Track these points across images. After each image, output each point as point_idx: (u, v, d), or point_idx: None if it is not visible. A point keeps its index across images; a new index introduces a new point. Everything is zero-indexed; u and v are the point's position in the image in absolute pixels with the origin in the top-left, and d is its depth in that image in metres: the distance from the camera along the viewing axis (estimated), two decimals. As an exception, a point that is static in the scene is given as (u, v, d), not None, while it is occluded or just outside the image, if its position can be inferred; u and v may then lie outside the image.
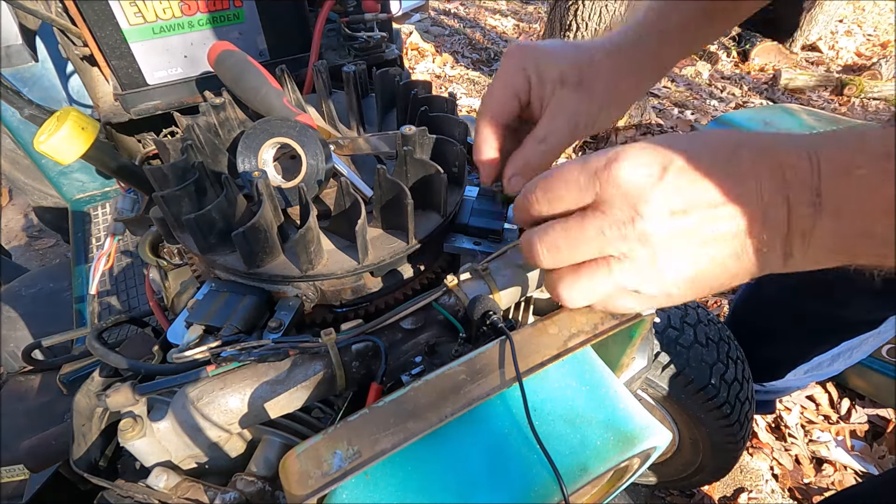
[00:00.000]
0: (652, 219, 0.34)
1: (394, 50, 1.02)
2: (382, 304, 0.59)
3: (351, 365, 0.51)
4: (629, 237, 0.35)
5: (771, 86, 3.66)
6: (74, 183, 1.35)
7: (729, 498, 1.38)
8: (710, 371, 1.04)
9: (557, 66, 0.51)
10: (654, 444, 0.45)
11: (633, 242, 0.35)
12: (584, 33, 2.92)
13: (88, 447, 0.55)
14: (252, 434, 0.55)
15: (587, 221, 0.36)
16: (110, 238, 0.78)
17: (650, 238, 0.34)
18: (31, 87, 1.16)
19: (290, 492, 0.36)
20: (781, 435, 1.53)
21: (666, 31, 0.53)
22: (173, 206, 0.54)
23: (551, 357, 0.44)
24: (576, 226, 0.36)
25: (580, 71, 0.51)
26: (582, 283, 0.38)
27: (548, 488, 0.41)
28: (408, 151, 0.56)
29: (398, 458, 0.41)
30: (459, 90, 3.45)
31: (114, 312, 1.12)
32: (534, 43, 0.53)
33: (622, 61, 0.53)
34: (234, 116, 0.69)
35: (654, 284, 0.36)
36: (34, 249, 2.39)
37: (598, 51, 0.52)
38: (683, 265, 0.35)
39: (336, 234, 0.58)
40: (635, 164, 0.34)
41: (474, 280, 0.57)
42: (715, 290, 0.37)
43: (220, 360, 0.48)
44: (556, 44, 0.53)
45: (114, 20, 0.76)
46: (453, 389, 0.41)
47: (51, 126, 0.64)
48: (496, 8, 5.00)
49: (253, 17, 0.86)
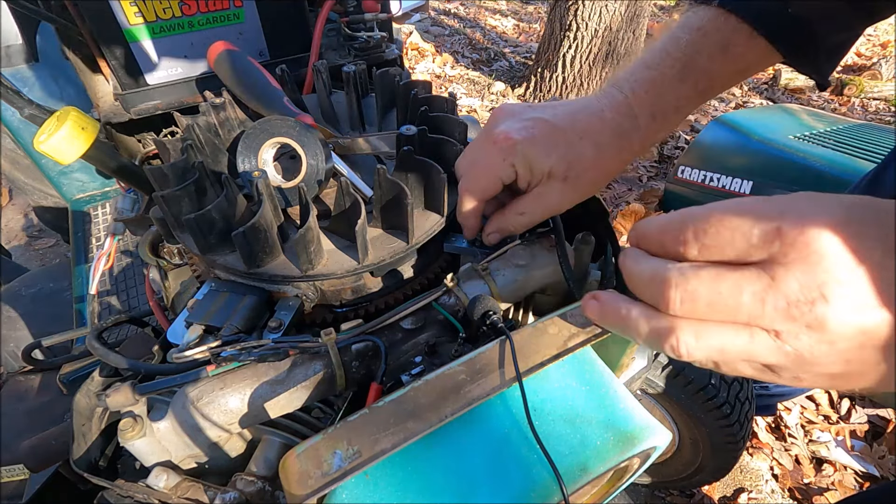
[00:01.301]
0: (839, 308, 0.27)
1: (394, 50, 1.02)
2: (382, 304, 0.59)
3: (351, 365, 0.51)
4: (798, 319, 0.28)
5: (771, 86, 3.66)
6: (74, 183, 1.35)
7: (729, 498, 1.38)
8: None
9: (547, 163, 0.50)
10: (654, 444, 0.45)
11: (800, 326, 0.28)
12: (583, 33, 2.92)
13: (88, 447, 0.54)
14: (252, 434, 0.55)
15: (747, 283, 0.29)
16: (110, 238, 0.78)
17: (827, 329, 0.28)
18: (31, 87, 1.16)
19: (290, 492, 0.36)
20: (781, 435, 1.53)
21: (660, 112, 0.51)
22: (173, 206, 0.54)
23: (551, 357, 0.44)
24: (732, 284, 0.30)
25: (568, 167, 0.51)
26: (710, 339, 0.31)
27: (548, 488, 0.41)
28: (408, 151, 0.56)
29: (398, 458, 0.41)
30: (459, 90, 3.45)
31: (114, 312, 1.12)
32: (522, 127, 0.51)
33: (610, 152, 0.52)
34: (234, 116, 0.69)
35: (795, 370, 0.31)
36: (34, 249, 2.39)
37: (587, 144, 0.51)
38: (838, 364, 0.29)
39: (336, 234, 0.58)
40: None
41: (474, 280, 0.57)
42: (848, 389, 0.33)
43: (220, 359, 0.48)
44: (545, 132, 0.51)
45: (114, 20, 0.76)
46: (453, 389, 0.41)
47: (51, 126, 0.64)
48: (496, 8, 5.00)
49: (253, 17, 0.86)
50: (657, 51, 0.51)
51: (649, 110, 0.51)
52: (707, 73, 0.50)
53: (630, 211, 2.08)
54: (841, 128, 1.89)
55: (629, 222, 2.09)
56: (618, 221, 2.09)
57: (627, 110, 0.51)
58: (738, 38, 0.48)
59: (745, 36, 0.47)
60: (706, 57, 0.49)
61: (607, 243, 0.63)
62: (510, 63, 3.88)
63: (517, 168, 0.51)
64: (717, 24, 0.48)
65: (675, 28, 0.51)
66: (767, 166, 1.75)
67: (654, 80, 0.50)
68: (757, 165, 1.78)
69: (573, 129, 0.51)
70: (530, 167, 0.51)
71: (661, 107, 0.51)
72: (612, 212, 2.22)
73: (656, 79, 0.50)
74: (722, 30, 0.48)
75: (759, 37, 0.47)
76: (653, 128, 0.52)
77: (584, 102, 0.52)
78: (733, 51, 0.48)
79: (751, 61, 0.50)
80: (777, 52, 0.48)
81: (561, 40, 3.03)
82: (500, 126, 0.51)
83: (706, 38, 0.48)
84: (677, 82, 0.50)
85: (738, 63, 0.50)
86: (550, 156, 0.50)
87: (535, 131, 0.50)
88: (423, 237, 0.57)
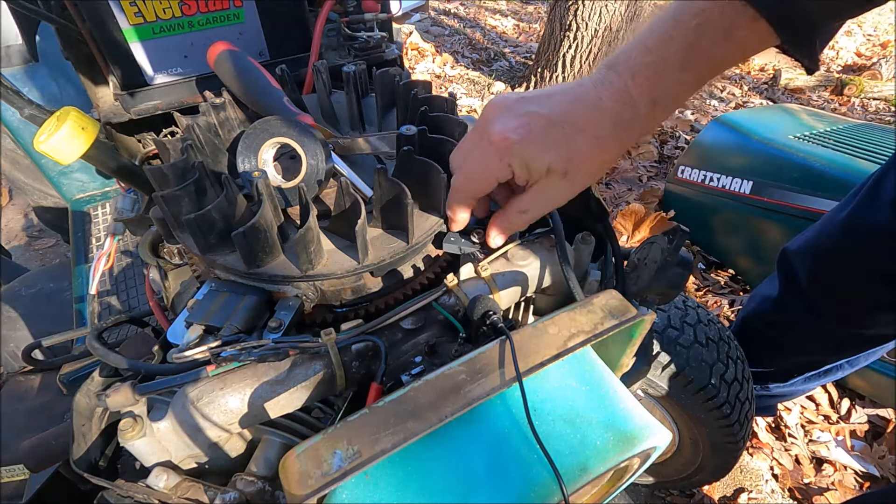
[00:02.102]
0: None
1: (394, 50, 1.02)
2: (382, 304, 0.59)
3: (351, 365, 0.51)
4: None
5: (771, 86, 3.66)
6: (74, 183, 1.35)
7: (729, 498, 1.38)
8: (710, 371, 1.04)
9: (546, 160, 0.50)
10: (654, 444, 0.45)
11: None
12: (583, 33, 2.92)
13: (88, 447, 0.54)
14: (252, 434, 0.55)
15: None
16: (110, 238, 0.78)
17: None
18: (31, 87, 1.16)
19: (290, 492, 0.36)
20: (781, 435, 1.53)
21: (660, 99, 0.50)
22: (173, 206, 0.54)
23: (551, 357, 0.44)
24: None
25: (567, 163, 0.51)
26: None
27: (548, 488, 0.41)
28: (408, 151, 0.56)
29: (398, 458, 0.41)
30: (459, 90, 3.45)
31: (114, 312, 1.12)
32: (519, 125, 0.50)
33: (609, 143, 0.51)
34: (234, 116, 0.69)
35: None
36: (34, 249, 2.39)
37: (586, 138, 0.50)
38: None
39: (336, 234, 0.58)
40: None
41: (474, 280, 0.57)
42: None
43: (220, 360, 0.48)
44: (542, 129, 0.50)
45: (114, 20, 0.76)
46: (453, 389, 0.41)
47: (51, 126, 0.64)
48: (496, 8, 5.00)
49: (253, 17, 0.86)
50: (657, 33, 0.49)
51: (649, 97, 0.50)
52: (709, 59, 0.49)
53: (630, 211, 2.08)
54: (841, 128, 1.89)
55: (629, 222, 2.09)
56: (618, 221, 2.09)
57: (627, 98, 0.50)
58: (741, 21, 0.46)
59: (748, 19, 0.46)
60: (709, 41, 0.48)
61: (607, 243, 0.63)
62: (510, 63, 3.88)
63: (514, 168, 0.51)
64: (721, 6, 0.46)
65: (675, 6, 0.49)
66: (767, 166, 1.75)
67: (655, 65, 0.49)
68: (757, 165, 1.78)
69: (571, 123, 0.50)
70: (528, 166, 0.51)
71: (662, 93, 0.50)
72: (612, 212, 2.22)
73: (658, 64, 0.49)
74: (725, 12, 0.46)
75: (761, 19, 0.46)
76: (652, 115, 0.51)
77: (580, 91, 0.51)
78: (736, 35, 0.47)
79: (749, 46, 0.48)
80: (775, 36, 0.48)
81: (561, 40, 3.03)
82: (495, 125, 0.51)
83: (709, 22, 0.47)
84: (679, 68, 0.49)
85: (738, 48, 0.48)
86: (549, 153, 0.50)
87: (532, 129, 0.50)
88: (423, 237, 0.57)
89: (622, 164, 2.60)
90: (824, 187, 1.57)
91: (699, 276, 2.00)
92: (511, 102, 0.52)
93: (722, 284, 1.96)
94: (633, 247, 0.63)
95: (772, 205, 1.71)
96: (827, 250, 1.05)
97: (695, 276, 1.98)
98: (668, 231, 0.55)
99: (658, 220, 2.05)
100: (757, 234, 1.81)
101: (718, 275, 2.00)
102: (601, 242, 0.64)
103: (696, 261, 2.05)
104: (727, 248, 1.99)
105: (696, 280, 1.97)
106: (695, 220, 2.01)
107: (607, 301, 0.50)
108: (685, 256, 0.55)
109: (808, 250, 1.10)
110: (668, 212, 2.12)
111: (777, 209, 1.69)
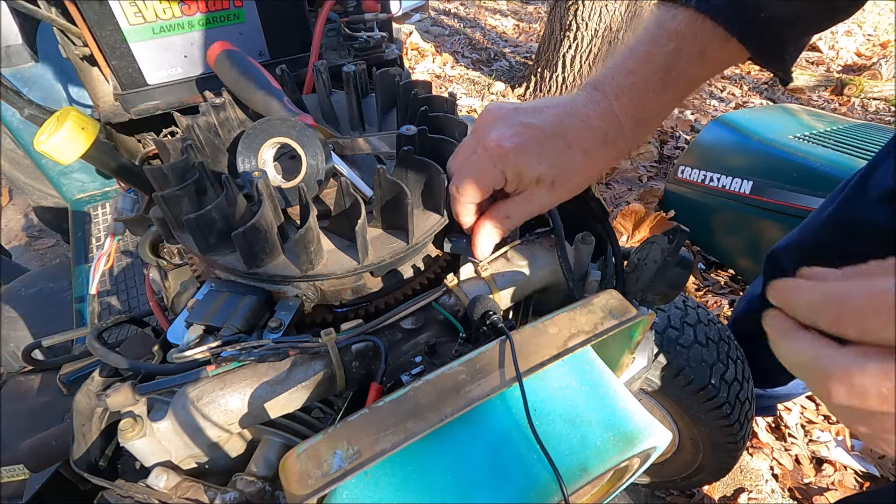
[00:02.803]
0: None
1: (394, 50, 1.02)
2: (382, 304, 0.59)
3: (351, 365, 0.51)
4: None
5: (771, 86, 3.66)
6: (74, 183, 1.35)
7: (729, 498, 1.38)
8: (710, 371, 1.04)
9: (537, 170, 0.51)
10: (654, 444, 0.45)
11: None
12: (583, 33, 2.92)
13: (88, 447, 0.54)
14: (252, 434, 0.55)
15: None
16: (110, 238, 0.78)
17: None
18: (31, 87, 1.16)
19: (290, 492, 0.36)
20: (781, 435, 1.53)
21: (643, 118, 0.53)
22: (173, 206, 0.54)
23: (551, 357, 0.44)
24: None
25: (557, 174, 0.52)
26: (878, 424, 0.30)
27: (548, 488, 0.41)
28: (408, 151, 0.56)
29: (398, 458, 0.41)
30: (459, 90, 3.45)
31: (114, 312, 1.12)
32: (513, 134, 0.51)
33: (598, 158, 0.53)
34: (234, 116, 0.69)
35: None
36: (34, 249, 2.39)
37: (576, 152, 0.52)
38: None
39: (336, 234, 0.58)
40: None
41: (474, 280, 0.57)
42: None
43: (220, 360, 0.48)
44: (535, 140, 0.51)
45: (114, 20, 0.76)
46: (453, 389, 0.41)
47: (51, 126, 0.64)
48: (496, 8, 5.00)
49: (253, 17, 0.86)
50: (637, 56, 0.52)
51: (634, 117, 0.52)
52: (686, 78, 0.51)
53: (630, 211, 2.08)
54: (841, 128, 1.89)
55: (629, 222, 2.09)
56: (618, 221, 2.09)
57: (613, 118, 0.52)
58: (714, 42, 0.49)
59: (720, 39, 0.48)
60: (686, 62, 0.50)
61: (607, 243, 0.63)
62: (510, 63, 3.88)
63: (507, 175, 0.52)
64: (694, 29, 0.48)
65: (652, 28, 0.51)
66: (767, 166, 1.75)
67: (637, 87, 0.51)
68: (757, 165, 1.78)
69: (562, 136, 0.52)
70: (520, 174, 0.52)
71: (645, 113, 0.52)
72: (612, 212, 2.22)
73: (639, 86, 0.51)
74: (699, 35, 0.48)
75: (732, 38, 0.48)
76: (637, 133, 0.54)
77: (569, 106, 0.53)
78: (709, 55, 0.49)
79: (723, 62, 0.51)
80: (747, 52, 0.49)
81: (561, 40, 3.03)
82: (492, 132, 0.52)
83: (684, 44, 0.49)
84: (660, 90, 0.51)
85: (713, 65, 0.51)
86: (541, 163, 0.51)
87: (526, 139, 0.51)
88: (423, 237, 0.57)
89: (622, 164, 2.60)
90: (824, 187, 1.57)
91: (699, 276, 2.00)
92: (506, 112, 0.53)
93: (722, 284, 1.96)
94: (633, 247, 0.64)
95: (772, 205, 1.71)
96: (812, 247, 1.05)
97: (695, 276, 1.98)
98: (668, 231, 0.56)
99: (658, 220, 2.05)
100: (757, 234, 1.81)
101: (718, 275, 2.00)
102: (601, 242, 0.64)
103: (696, 261, 2.05)
104: (727, 248, 1.99)
105: (696, 280, 1.97)
106: (695, 220, 2.01)
107: (607, 301, 0.50)
108: (685, 256, 0.55)
109: (793, 248, 1.10)
110: (668, 212, 2.12)
111: (777, 209, 1.69)
